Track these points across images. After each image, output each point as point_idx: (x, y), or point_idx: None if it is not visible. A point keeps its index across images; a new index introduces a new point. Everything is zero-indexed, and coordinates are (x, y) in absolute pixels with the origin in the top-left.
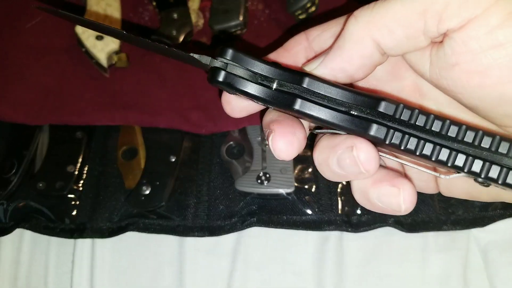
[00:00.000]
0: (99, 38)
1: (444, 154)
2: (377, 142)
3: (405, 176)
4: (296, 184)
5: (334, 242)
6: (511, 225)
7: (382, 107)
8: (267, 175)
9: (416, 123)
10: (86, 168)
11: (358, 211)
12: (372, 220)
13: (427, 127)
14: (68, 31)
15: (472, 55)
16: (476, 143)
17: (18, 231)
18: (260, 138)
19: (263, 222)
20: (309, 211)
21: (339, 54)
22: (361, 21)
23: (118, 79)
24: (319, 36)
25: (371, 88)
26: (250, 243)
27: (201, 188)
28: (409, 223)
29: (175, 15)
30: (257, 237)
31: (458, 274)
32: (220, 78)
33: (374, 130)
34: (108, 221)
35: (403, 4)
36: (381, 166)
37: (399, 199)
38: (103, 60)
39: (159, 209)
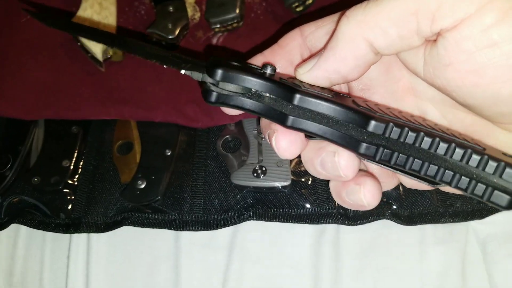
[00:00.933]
0: None
1: (432, 170)
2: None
3: (368, 173)
4: (292, 178)
5: (330, 235)
6: (510, 217)
7: (372, 127)
8: (263, 169)
9: (406, 141)
10: (81, 163)
11: None
12: (369, 213)
13: (417, 145)
14: None
15: (466, 54)
16: (464, 161)
17: (13, 227)
18: (256, 131)
19: (259, 215)
20: (305, 204)
21: (332, 54)
22: (353, 20)
23: (114, 73)
24: (313, 33)
25: (365, 88)
26: (246, 237)
27: (197, 182)
28: (406, 216)
29: (171, 8)
30: (253, 231)
31: (457, 266)
32: (213, 99)
33: (363, 148)
34: (104, 215)
35: (395, 3)
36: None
37: (361, 195)
38: (99, 54)
39: (154, 203)
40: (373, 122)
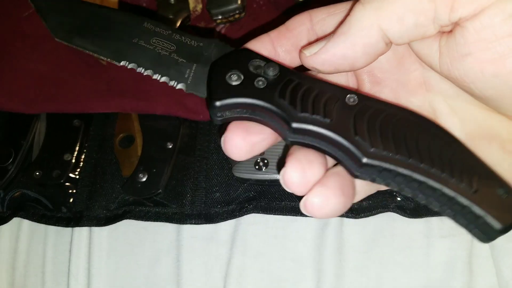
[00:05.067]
0: None
1: (421, 199)
2: None
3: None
4: None
5: (334, 228)
6: None
7: (361, 172)
8: (265, 161)
9: (396, 179)
10: (83, 156)
11: None
12: (373, 205)
13: (406, 182)
14: None
15: (486, 43)
16: (451, 201)
17: (16, 220)
18: None
19: (261, 208)
20: None
21: (342, 40)
22: (369, 7)
23: (114, 66)
24: (324, 19)
25: (376, 81)
26: (248, 230)
27: (199, 175)
28: (412, 208)
29: (172, 0)
30: (255, 223)
31: (464, 260)
32: (219, 123)
33: (360, 175)
34: (105, 209)
35: None
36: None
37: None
38: None
39: (156, 197)
40: (365, 159)
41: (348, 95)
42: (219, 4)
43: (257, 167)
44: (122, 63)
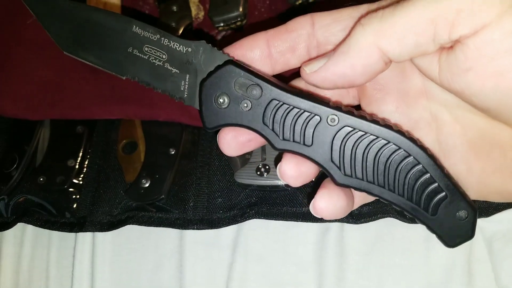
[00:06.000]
0: None
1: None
2: None
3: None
4: None
5: (335, 233)
6: None
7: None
8: (267, 167)
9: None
10: (86, 162)
11: None
12: (373, 211)
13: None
14: None
15: (486, 59)
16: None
17: (20, 226)
18: None
19: (263, 214)
20: (309, 202)
21: (342, 59)
22: (369, 29)
23: None
24: (328, 25)
25: (378, 89)
26: (250, 235)
27: (201, 181)
28: None
29: (175, 8)
30: (257, 229)
31: (463, 265)
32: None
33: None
34: (108, 214)
35: (412, 11)
36: None
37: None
38: None
39: (158, 202)
40: (338, 182)
41: (330, 116)
42: (221, 11)
43: (258, 173)
44: (126, 77)
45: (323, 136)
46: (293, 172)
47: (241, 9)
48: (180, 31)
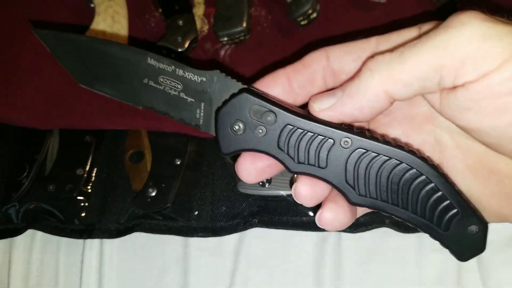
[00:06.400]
0: None
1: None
2: None
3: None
4: None
5: (332, 242)
6: (504, 226)
7: (354, 204)
8: (269, 178)
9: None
10: (94, 171)
11: None
12: (369, 221)
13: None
14: None
15: (486, 100)
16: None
17: (29, 232)
18: None
19: (265, 223)
20: (309, 212)
21: (350, 102)
22: (377, 75)
23: None
24: (342, 57)
25: (386, 113)
26: (252, 243)
27: (205, 190)
28: (405, 224)
29: (181, 22)
30: (258, 237)
31: (453, 273)
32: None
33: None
34: (116, 222)
35: (419, 59)
36: None
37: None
38: None
39: (164, 211)
40: (353, 201)
41: (344, 139)
42: (226, 26)
43: (260, 183)
44: (142, 107)
45: (337, 158)
46: (307, 193)
47: (244, 25)
48: (186, 45)
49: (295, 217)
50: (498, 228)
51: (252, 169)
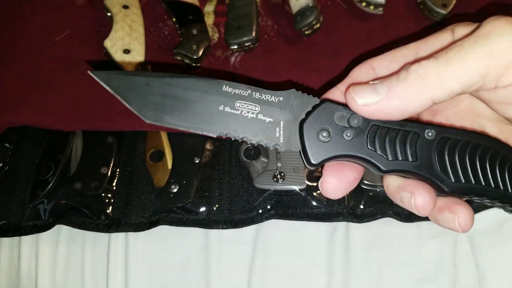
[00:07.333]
0: (126, 51)
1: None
2: None
3: (461, 201)
4: (307, 182)
5: (341, 231)
6: (493, 214)
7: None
8: (282, 174)
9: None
10: (118, 170)
11: (361, 206)
12: (374, 212)
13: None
14: (94, 43)
15: None
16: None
17: (55, 227)
18: None
19: (279, 215)
20: (319, 205)
21: (396, 103)
22: (427, 83)
23: None
24: (387, 66)
25: (433, 113)
26: (268, 234)
27: (223, 186)
28: (406, 214)
29: (195, 31)
30: (274, 228)
31: (449, 257)
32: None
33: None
34: (141, 216)
35: (466, 67)
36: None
37: (455, 224)
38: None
39: (186, 205)
40: (447, 190)
41: (427, 130)
42: (236, 35)
43: (275, 179)
44: (218, 134)
45: (425, 150)
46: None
47: (253, 34)
48: (201, 52)
49: (307, 209)
50: (488, 217)
51: (342, 187)
